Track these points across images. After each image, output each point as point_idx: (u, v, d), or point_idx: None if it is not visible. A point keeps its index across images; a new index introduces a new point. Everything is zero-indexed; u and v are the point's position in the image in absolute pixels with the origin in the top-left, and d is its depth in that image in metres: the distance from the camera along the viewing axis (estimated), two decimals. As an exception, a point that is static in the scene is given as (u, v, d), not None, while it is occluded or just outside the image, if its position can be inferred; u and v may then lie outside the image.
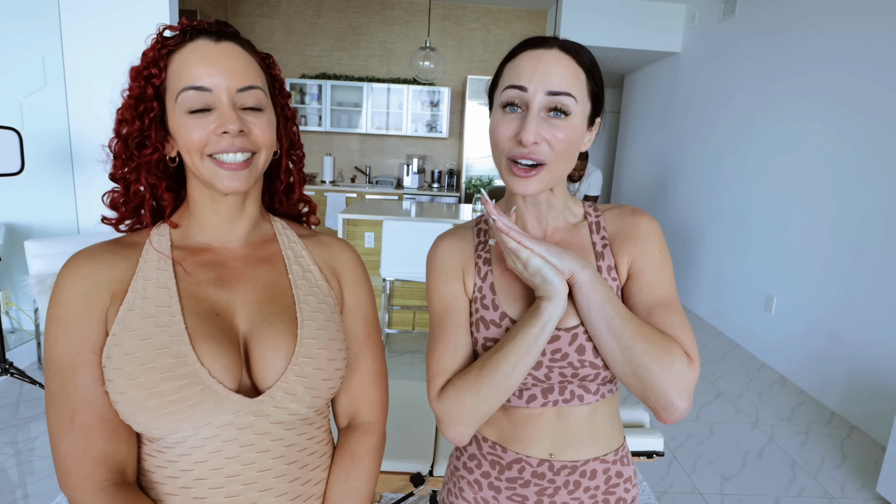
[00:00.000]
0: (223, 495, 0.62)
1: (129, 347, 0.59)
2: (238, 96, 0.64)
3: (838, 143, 3.02)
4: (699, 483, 2.22)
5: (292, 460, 0.66)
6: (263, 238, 0.74)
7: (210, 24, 0.65)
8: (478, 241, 0.80)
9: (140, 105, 0.64)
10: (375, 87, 5.76)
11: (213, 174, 0.64)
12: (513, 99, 0.68)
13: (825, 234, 3.08)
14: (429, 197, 5.78)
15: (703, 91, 4.55)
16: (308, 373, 0.66)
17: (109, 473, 0.60)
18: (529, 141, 0.66)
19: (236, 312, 0.66)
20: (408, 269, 3.17)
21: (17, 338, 3.04)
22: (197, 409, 0.59)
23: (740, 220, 3.93)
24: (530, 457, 0.76)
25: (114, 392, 0.59)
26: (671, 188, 5.07)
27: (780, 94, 3.53)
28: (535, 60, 0.68)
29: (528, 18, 5.92)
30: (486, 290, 0.76)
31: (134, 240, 0.68)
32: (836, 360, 2.94)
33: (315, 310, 0.70)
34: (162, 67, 0.64)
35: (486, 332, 0.74)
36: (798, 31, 3.38)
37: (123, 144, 0.66)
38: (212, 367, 0.61)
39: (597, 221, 0.79)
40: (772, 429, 2.70)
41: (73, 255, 0.63)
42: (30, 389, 2.67)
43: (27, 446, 2.23)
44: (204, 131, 0.62)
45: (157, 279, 0.64)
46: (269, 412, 0.64)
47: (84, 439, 0.59)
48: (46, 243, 2.67)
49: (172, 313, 0.62)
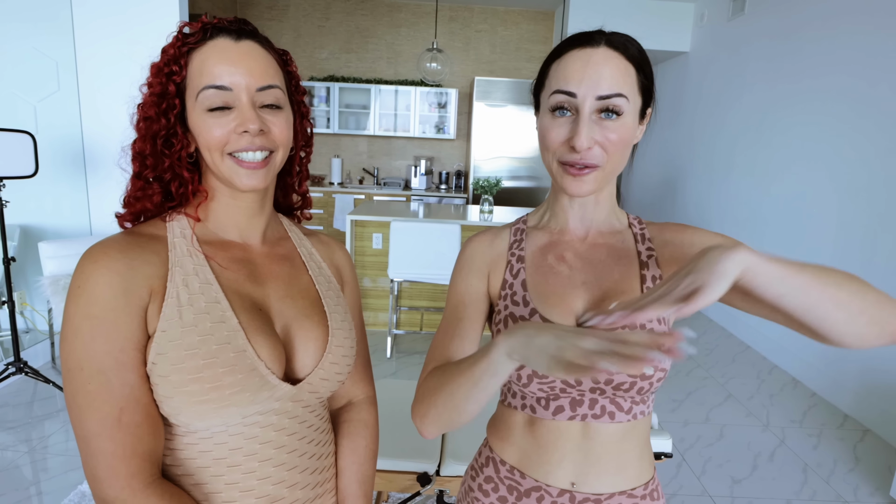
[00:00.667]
0: (255, 478, 0.64)
1: (188, 343, 0.59)
2: (258, 95, 0.64)
3: (850, 142, 2.99)
4: (709, 486, 2.21)
5: (310, 439, 0.72)
6: (278, 235, 0.77)
7: (230, 21, 0.65)
8: (513, 239, 0.79)
9: (163, 102, 0.64)
10: (383, 89, 5.79)
11: (232, 172, 0.64)
12: (562, 103, 0.67)
13: (837, 234, 3.05)
14: (436, 198, 5.79)
15: (713, 90, 4.52)
16: (339, 358, 0.72)
17: (154, 468, 0.60)
18: (583, 147, 0.65)
19: (271, 307, 0.69)
20: (415, 270, 3.18)
21: (31, 338, 3.09)
22: (255, 400, 0.62)
23: (750, 219, 3.90)
24: (550, 486, 0.72)
25: (169, 388, 0.58)
26: (680, 188, 5.05)
27: (791, 93, 3.50)
28: (582, 62, 0.65)
29: (535, 19, 5.92)
30: (518, 286, 0.75)
31: (151, 231, 0.66)
32: (849, 361, 2.91)
33: (335, 303, 0.76)
34: (182, 65, 0.64)
35: None
36: (809, 28, 3.36)
37: (151, 142, 0.65)
38: (267, 360, 0.64)
39: (641, 233, 0.77)
40: (783, 431, 2.68)
41: (99, 249, 0.59)
42: (43, 388, 2.71)
43: (41, 444, 2.26)
44: (224, 129, 0.63)
45: (197, 274, 0.64)
46: (304, 397, 0.69)
47: (132, 437, 0.58)
48: (60, 245, 2.72)
49: (223, 309, 0.63)
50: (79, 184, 3.22)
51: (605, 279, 0.73)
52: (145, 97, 0.66)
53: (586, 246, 0.76)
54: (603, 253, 0.75)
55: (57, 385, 2.63)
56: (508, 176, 5.64)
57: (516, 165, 5.64)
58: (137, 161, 0.66)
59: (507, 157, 5.62)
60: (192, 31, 0.64)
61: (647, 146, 5.84)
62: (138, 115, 0.66)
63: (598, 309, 0.70)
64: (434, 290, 3.75)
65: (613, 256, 0.75)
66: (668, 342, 0.47)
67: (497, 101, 5.50)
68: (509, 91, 5.48)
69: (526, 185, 5.69)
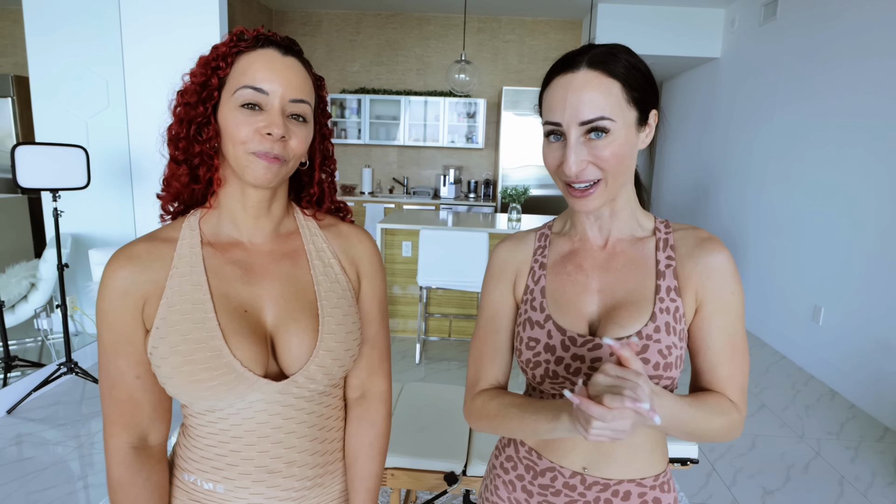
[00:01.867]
0: (256, 450, 0.73)
1: (172, 342, 0.68)
2: (289, 105, 0.69)
3: (887, 148, 2.91)
4: (739, 496, 2.18)
5: (312, 424, 0.77)
6: (287, 232, 0.79)
7: (281, 38, 0.71)
8: (538, 245, 0.83)
9: (203, 91, 0.69)
10: (413, 100, 5.89)
11: (249, 162, 0.68)
12: (552, 130, 0.71)
13: (874, 242, 2.97)
14: (465, 207, 5.84)
15: (745, 96, 4.46)
16: (327, 363, 0.74)
17: (130, 438, 0.73)
18: (572, 172, 0.68)
19: (263, 307, 0.73)
20: (444, 278, 3.22)
21: (80, 340, 3.26)
22: (232, 392, 0.69)
23: (785, 227, 3.82)
24: (563, 467, 0.77)
25: (162, 376, 0.69)
26: (713, 194, 4.97)
27: (825, 96, 3.43)
28: (563, 90, 0.68)
29: (562, 28, 5.95)
30: (537, 292, 0.79)
31: (168, 234, 0.74)
32: (890, 372, 2.82)
33: (334, 306, 0.77)
34: (228, 62, 0.69)
35: (531, 332, 0.77)
36: (844, 30, 3.29)
37: (186, 127, 0.70)
38: (243, 359, 0.69)
39: (665, 238, 0.77)
40: (819, 443, 2.61)
41: (115, 254, 0.70)
42: (92, 388, 2.86)
43: (88, 440, 2.39)
44: (251, 127, 0.67)
45: (192, 277, 0.71)
46: (292, 391, 0.73)
47: (115, 409, 0.72)
48: (108, 252, 2.87)
49: (206, 311, 0.69)
50: (125, 195, 3.40)
51: (620, 287, 0.75)
52: (187, 85, 0.71)
53: (605, 254, 0.78)
54: (621, 261, 0.77)
55: (104, 385, 2.77)
56: (536, 184, 5.65)
57: (544, 174, 5.65)
58: (172, 144, 0.72)
59: (535, 165, 5.64)
60: (247, 36, 0.70)
61: (679, 150, 5.78)
62: (178, 100, 0.72)
63: (609, 317, 0.73)
64: (462, 298, 3.80)
65: (631, 265, 0.76)
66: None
67: (525, 110, 5.53)
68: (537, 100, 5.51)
69: (553, 193, 5.69)
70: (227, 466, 0.73)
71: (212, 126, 0.70)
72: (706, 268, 0.73)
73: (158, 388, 0.73)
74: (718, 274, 0.73)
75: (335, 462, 0.82)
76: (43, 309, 3.05)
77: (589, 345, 0.73)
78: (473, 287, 3.28)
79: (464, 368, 3.38)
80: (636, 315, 0.72)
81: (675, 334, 0.72)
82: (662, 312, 0.72)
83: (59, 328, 3.05)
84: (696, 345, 0.75)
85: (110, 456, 0.72)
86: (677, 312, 0.73)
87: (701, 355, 0.74)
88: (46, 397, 2.75)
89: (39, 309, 3.02)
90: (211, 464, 0.73)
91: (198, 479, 0.74)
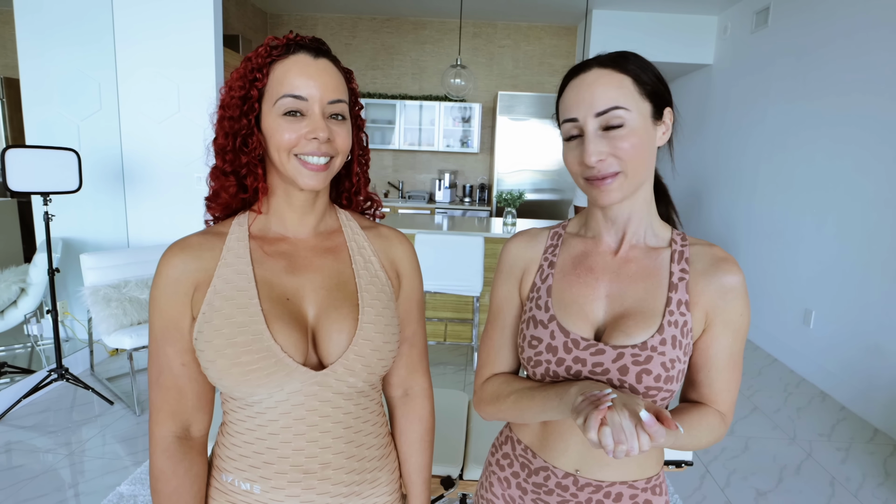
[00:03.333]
0: (290, 448, 0.74)
1: (216, 325, 0.70)
2: (328, 107, 0.72)
3: (879, 150, 2.95)
4: (733, 498, 2.19)
5: (348, 425, 0.77)
6: (330, 229, 0.83)
7: (310, 40, 0.73)
8: (549, 243, 0.83)
9: (245, 104, 0.72)
10: (408, 105, 5.90)
11: (296, 172, 0.72)
12: (571, 131, 0.72)
13: (864, 245, 3.01)
14: (460, 211, 5.85)
15: (737, 102, 4.50)
16: (366, 353, 0.75)
17: (174, 426, 0.75)
18: (592, 162, 0.69)
19: (305, 297, 0.76)
20: (439, 282, 3.22)
21: (71, 346, 3.23)
22: (271, 378, 0.70)
23: (777, 232, 3.86)
24: (557, 468, 0.78)
25: (205, 360, 0.71)
26: (706, 200, 5.00)
27: (817, 105, 3.47)
28: (577, 89, 0.71)
29: (557, 34, 5.98)
30: (543, 291, 0.79)
31: (220, 230, 0.78)
32: (880, 374, 2.85)
33: (374, 297, 0.79)
34: (265, 73, 0.72)
35: (534, 331, 0.77)
36: (833, 41, 3.34)
37: (232, 139, 0.73)
38: (283, 344, 0.71)
39: (681, 251, 0.77)
40: (810, 445, 2.63)
41: (170, 246, 0.75)
42: (83, 394, 2.83)
43: (79, 448, 2.36)
44: (296, 134, 0.71)
45: (238, 266, 0.74)
46: (331, 384, 0.74)
47: (162, 396, 0.74)
48: (100, 256, 2.85)
49: (250, 297, 0.72)
50: (118, 199, 3.38)
51: (629, 296, 0.75)
52: (226, 99, 0.74)
53: (618, 260, 0.77)
54: (633, 268, 0.76)
55: (95, 391, 2.75)
56: (531, 189, 5.67)
57: (539, 178, 5.68)
58: (219, 156, 0.75)
59: (531, 170, 5.66)
60: (278, 44, 0.73)
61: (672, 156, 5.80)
62: (220, 114, 0.75)
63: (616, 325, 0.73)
64: (458, 302, 3.80)
65: (643, 273, 0.76)
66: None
67: (520, 114, 5.56)
68: (532, 105, 5.54)
69: (549, 197, 5.72)
70: (263, 465, 0.74)
71: (255, 136, 0.73)
72: (720, 288, 0.73)
73: (203, 378, 0.75)
74: (732, 296, 0.73)
75: (373, 471, 0.81)
76: (33, 314, 3.01)
77: (592, 349, 0.73)
78: (469, 291, 3.28)
79: (459, 373, 3.38)
80: (643, 325, 0.72)
81: (680, 348, 0.72)
82: (671, 325, 0.72)
83: (50, 334, 3.02)
84: (699, 361, 0.76)
85: (155, 444, 0.75)
86: (685, 327, 0.73)
87: (702, 371, 0.76)
88: (36, 404, 2.73)
89: (29, 314, 2.99)
90: (248, 462, 0.75)
91: (235, 479, 0.76)
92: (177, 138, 3.36)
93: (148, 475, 2.16)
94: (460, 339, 3.85)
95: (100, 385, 2.98)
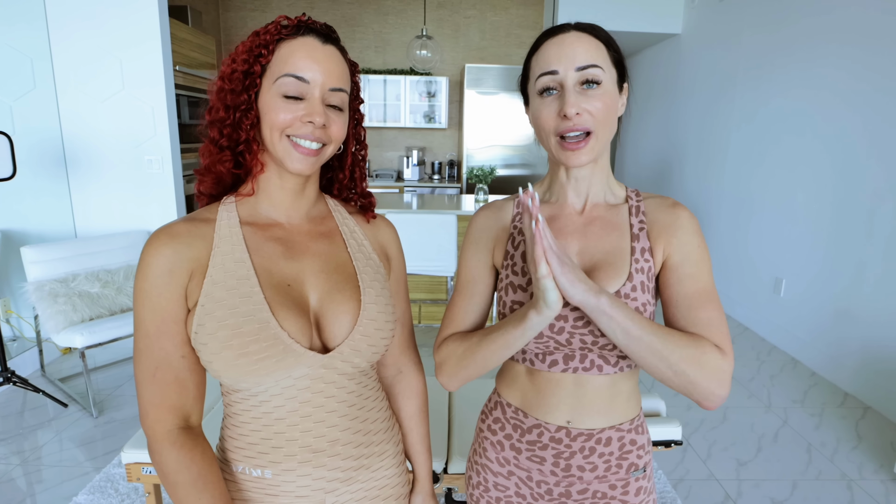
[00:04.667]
0: (298, 430, 0.75)
1: (219, 316, 0.69)
2: (328, 94, 0.72)
3: (845, 119, 2.96)
4: (715, 469, 2.20)
5: (352, 404, 0.79)
6: (321, 215, 0.83)
7: (321, 25, 0.74)
8: (516, 212, 0.86)
9: (247, 79, 0.71)
10: (371, 79, 5.69)
11: (286, 153, 0.71)
12: (547, 84, 0.75)
13: (833, 213, 3.03)
14: (430, 189, 5.73)
15: (707, 72, 4.48)
16: (370, 332, 0.76)
17: (177, 420, 0.73)
18: (572, 113, 0.72)
19: (305, 282, 0.76)
20: (412, 263, 3.11)
21: (18, 346, 3.01)
22: (280, 365, 0.70)
23: (747, 201, 3.88)
24: (549, 423, 0.82)
25: (208, 354, 0.69)
26: (676, 171, 5.01)
27: (785, 71, 3.46)
28: (558, 45, 0.75)
29: (524, 4, 5.83)
30: (518, 258, 0.82)
31: (206, 216, 0.75)
32: (848, 340, 2.90)
33: (372, 279, 0.80)
34: (270, 50, 0.71)
35: (514, 296, 0.80)
36: (803, 3, 3.31)
37: (232, 113, 0.72)
38: (290, 330, 0.71)
39: (637, 206, 0.82)
40: (785, 412, 2.67)
41: (156, 233, 0.71)
42: (34, 398, 2.65)
43: (34, 455, 2.21)
44: (291, 115, 0.70)
45: (234, 254, 0.73)
46: (336, 366, 0.75)
47: (160, 392, 0.71)
48: (44, 249, 2.64)
49: (252, 285, 0.71)
50: (61, 185, 3.13)
51: (597, 250, 0.79)
52: (227, 71, 0.72)
53: (583, 219, 0.82)
54: (598, 226, 0.81)
55: (47, 394, 2.56)
56: (502, 164, 5.58)
57: (510, 154, 5.59)
58: (216, 129, 0.73)
59: (501, 145, 5.56)
60: (289, 24, 0.72)
61: (641, 126, 5.80)
62: (220, 86, 0.73)
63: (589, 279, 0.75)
64: (431, 282, 3.71)
65: (607, 229, 0.80)
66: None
67: (489, 88, 5.42)
68: (501, 78, 5.41)
69: (520, 172, 5.64)
70: (272, 450, 0.74)
71: (253, 112, 0.72)
72: (671, 225, 0.79)
73: (201, 368, 0.74)
74: (683, 231, 0.78)
75: (380, 444, 0.84)
76: (-27, 313, 2.79)
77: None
78: (442, 271, 3.19)
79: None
80: (613, 275, 0.76)
81: (648, 292, 0.77)
82: (638, 272, 0.77)
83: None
84: (667, 294, 0.78)
85: (161, 440, 0.71)
86: (650, 272, 0.78)
87: (673, 303, 0.77)
88: (-18, 410, 2.54)
89: (-31, 313, 2.76)
90: (257, 448, 0.75)
91: (246, 468, 0.76)
92: (123, 118, 3.12)
93: (107, 482, 2.03)
94: (434, 321, 3.78)
95: (52, 387, 2.79)
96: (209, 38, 4.68)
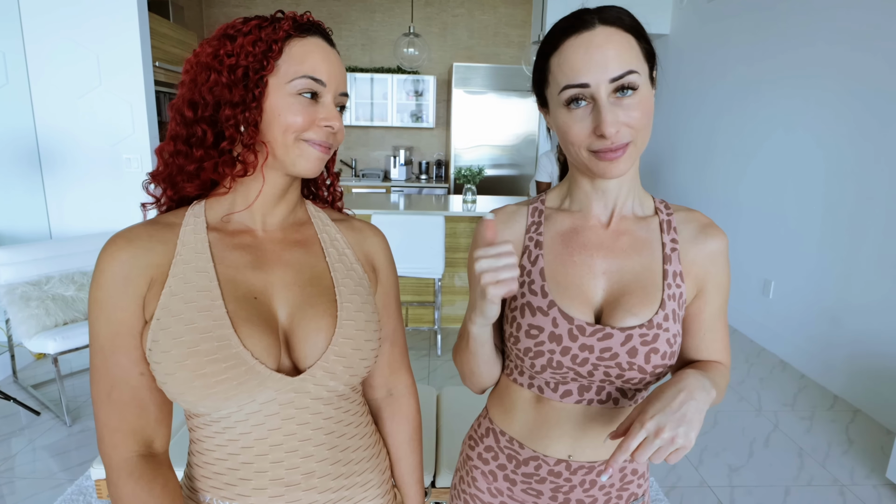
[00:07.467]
0: (268, 461, 0.67)
1: (175, 332, 0.62)
2: (337, 98, 0.70)
3: (834, 120, 2.95)
4: (707, 476, 2.16)
5: (330, 431, 0.71)
6: (299, 221, 0.77)
7: (323, 27, 0.71)
8: (531, 220, 0.77)
9: (256, 75, 0.64)
10: (358, 78, 5.62)
11: (299, 155, 0.67)
12: (576, 95, 0.65)
13: (822, 214, 3.03)
14: (417, 189, 5.67)
15: (695, 73, 4.47)
16: (347, 353, 0.69)
17: (136, 446, 0.65)
18: (611, 133, 0.63)
19: (274, 295, 0.69)
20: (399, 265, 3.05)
21: (-11, 350, 2.90)
22: (241, 388, 0.63)
23: (734, 203, 3.87)
24: (548, 456, 0.76)
25: (162, 374, 0.62)
26: (663, 173, 5.01)
27: (774, 71, 3.46)
28: (584, 49, 0.64)
29: (512, 2, 5.79)
30: (536, 274, 0.73)
31: (170, 220, 0.69)
32: (838, 343, 2.90)
33: (352, 292, 0.73)
34: (280, 48, 0.65)
35: (531, 319, 0.71)
36: (791, 5, 3.30)
37: (231, 110, 0.65)
38: (254, 350, 0.64)
39: (668, 220, 0.75)
40: (776, 415, 2.65)
41: (112, 238, 0.65)
42: (5, 405, 2.54)
43: (6, 465, 2.12)
44: (309, 118, 0.66)
45: (196, 263, 0.66)
46: (309, 389, 0.67)
47: (118, 414, 0.64)
48: (16, 250, 2.53)
49: (213, 298, 0.64)
50: (34, 183, 3.02)
51: (626, 271, 0.72)
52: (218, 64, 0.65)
53: (609, 233, 0.74)
54: (626, 241, 0.73)
55: (18, 402, 2.46)
56: (490, 164, 5.53)
57: (498, 154, 5.54)
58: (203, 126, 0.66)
59: (489, 145, 5.51)
60: (299, 22, 0.68)
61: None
62: (217, 79, 0.65)
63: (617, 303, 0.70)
64: (419, 284, 3.64)
65: (636, 246, 0.73)
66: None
67: (476, 87, 5.37)
68: (489, 77, 5.36)
69: (508, 173, 5.60)
70: (239, 482, 0.67)
71: (259, 111, 0.66)
72: (710, 255, 0.73)
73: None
74: (720, 260, 0.74)
75: (362, 473, 0.76)
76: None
77: (599, 334, 0.69)
78: (430, 273, 3.13)
79: (423, 358, 3.25)
80: (646, 301, 0.70)
81: (678, 322, 0.71)
82: (670, 299, 0.70)
83: (-37, 338, 2.69)
84: (693, 326, 0.75)
85: (118, 469, 0.64)
86: (681, 299, 0.72)
87: (698, 335, 0.75)
88: (-51, 418, 2.43)
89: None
90: (223, 479, 0.68)
91: (214, 499, 0.69)
92: (101, 115, 3.01)
93: (80, 494, 1.95)
94: (422, 324, 3.72)
95: (24, 394, 2.68)
96: (191, 34, 4.58)
